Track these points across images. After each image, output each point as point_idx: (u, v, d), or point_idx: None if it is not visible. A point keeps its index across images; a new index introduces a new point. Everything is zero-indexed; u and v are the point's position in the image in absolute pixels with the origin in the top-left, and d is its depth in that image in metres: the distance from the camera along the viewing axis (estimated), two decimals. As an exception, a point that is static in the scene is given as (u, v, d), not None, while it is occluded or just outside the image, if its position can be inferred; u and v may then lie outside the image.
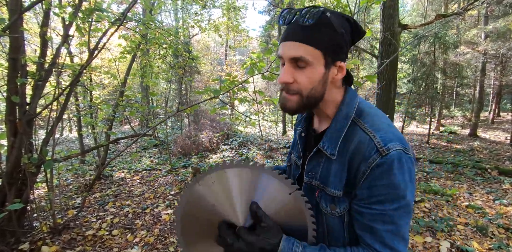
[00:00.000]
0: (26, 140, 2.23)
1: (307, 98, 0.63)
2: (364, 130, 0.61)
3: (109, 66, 8.52)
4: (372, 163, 0.57)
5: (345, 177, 0.62)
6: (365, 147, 0.59)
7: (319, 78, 0.61)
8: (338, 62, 0.62)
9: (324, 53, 0.59)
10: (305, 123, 0.79)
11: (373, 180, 0.57)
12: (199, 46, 13.69)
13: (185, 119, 10.77)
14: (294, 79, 0.61)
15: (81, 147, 5.76)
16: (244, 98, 3.12)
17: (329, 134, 0.66)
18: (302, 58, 0.59)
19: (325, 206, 0.66)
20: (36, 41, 3.64)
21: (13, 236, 2.29)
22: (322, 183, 0.66)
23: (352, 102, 0.67)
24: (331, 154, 0.64)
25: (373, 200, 0.58)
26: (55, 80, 2.72)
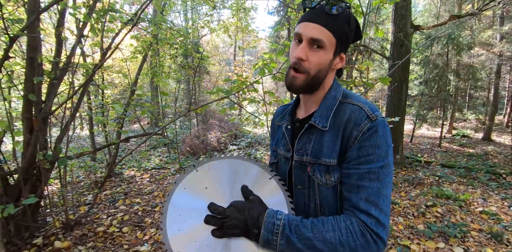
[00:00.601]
0: (41, 137, 2.28)
1: (313, 79, 0.70)
2: (353, 103, 0.70)
3: (121, 66, 8.67)
4: (363, 127, 0.64)
5: (338, 146, 0.68)
6: (357, 114, 0.67)
7: (327, 62, 0.69)
8: (341, 53, 0.71)
9: (337, 42, 0.67)
10: (289, 117, 0.84)
11: (362, 141, 0.64)
12: (208, 46, 13.78)
13: (194, 119, 10.85)
14: (308, 58, 0.67)
15: (92, 144, 5.87)
16: (253, 99, 3.12)
17: (320, 111, 0.73)
18: (321, 40, 0.66)
19: (320, 177, 0.70)
20: (51, 41, 3.73)
21: (27, 231, 2.35)
22: (314, 157, 0.71)
23: (339, 87, 0.76)
24: (323, 126, 0.70)
25: (362, 160, 0.64)
26: (69, 79, 2.78)
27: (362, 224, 0.60)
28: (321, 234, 0.60)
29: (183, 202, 0.70)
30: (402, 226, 2.95)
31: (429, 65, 8.17)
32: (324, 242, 0.60)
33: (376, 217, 0.60)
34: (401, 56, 5.40)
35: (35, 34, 1.89)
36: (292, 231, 0.62)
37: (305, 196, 0.74)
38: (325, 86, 0.75)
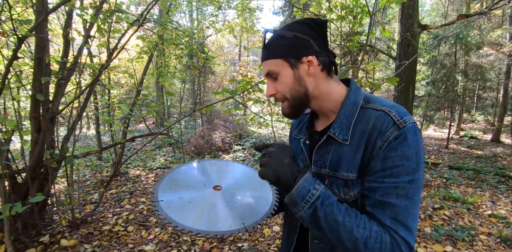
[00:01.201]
0: (48, 136, 2.31)
1: (293, 99, 0.69)
2: (377, 109, 0.63)
3: (127, 66, 8.74)
4: (389, 136, 0.58)
5: (359, 159, 0.62)
6: (382, 122, 0.60)
7: (292, 79, 0.67)
8: (303, 58, 0.66)
9: (283, 58, 0.66)
10: (307, 131, 0.79)
11: (388, 152, 0.57)
12: (213, 47, 13.83)
13: (199, 119, 10.89)
14: (276, 90, 0.69)
15: (98, 144, 5.93)
16: (258, 99, 3.12)
17: (339, 121, 0.67)
18: (270, 72, 0.68)
19: (337, 192, 0.65)
20: (59, 42, 3.78)
21: (34, 229, 2.38)
22: (332, 170, 0.67)
23: (358, 91, 0.70)
24: (343, 140, 0.65)
25: (387, 172, 0.57)
26: (76, 79, 2.81)
27: (393, 239, 0.55)
28: (351, 224, 0.55)
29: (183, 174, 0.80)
30: (408, 229, 2.91)
31: (436, 65, 8.06)
32: (350, 234, 0.55)
33: (404, 238, 0.55)
34: (408, 56, 5.33)
35: (43, 35, 1.91)
36: (323, 206, 0.57)
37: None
38: (326, 95, 0.70)
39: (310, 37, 0.66)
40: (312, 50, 0.66)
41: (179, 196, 0.70)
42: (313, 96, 0.69)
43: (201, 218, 0.65)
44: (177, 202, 0.68)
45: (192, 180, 0.77)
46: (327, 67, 0.69)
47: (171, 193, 0.71)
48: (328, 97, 0.70)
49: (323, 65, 0.68)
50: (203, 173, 0.81)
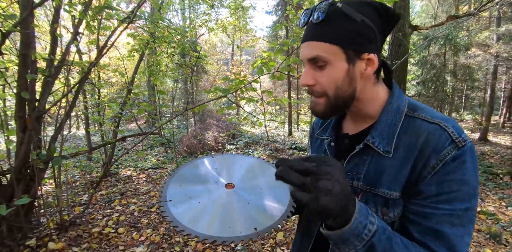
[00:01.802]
0: (35, 136, 2.23)
1: (335, 99, 0.57)
2: (429, 121, 0.54)
3: (117, 64, 8.59)
4: (446, 156, 0.50)
5: (405, 175, 0.54)
6: (437, 138, 0.52)
7: (343, 75, 0.55)
8: (364, 55, 0.55)
9: (342, 47, 0.53)
10: (333, 131, 0.71)
11: (445, 175, 0.50)
12: (205, 46, 13.73)
13: (191, 118, 10.80)
14: (316, 80, 0.57)
15: (88, 144, 5.80)
16: (251, 98, 3.10)
17: (379, 128, 0.58)
18: (318, 57, 0.55)
19: (374, 210, 0.57)
20: (46, 39, 3.67)
21: (20, 232, 2.30)
22: (368, 184, 0.59)
23: (402, 96, 0.61)
24: (384, 151, 0.56)
25: (443, 198, 0.50)
26: (64, 77, 2.73)
27: None
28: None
29: (193, 172, 0.75)
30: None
31: (426, 66, 8.20)
32: None
33: None
34: (399, 56, 5.40)
35: (28, 30, 1.84)
36: (381, 242, 0.47)
37: None
38: (369, 99, 0.61)
39: (377, 28, 0.55)
40: (374, 46, 0.55)
41: (189, 196, 0.65)
42: (356, 99, 0.60)
43: (210, 221, 0.59)
44: (186, 202, 0.64)
45: (204, 177, 0.72)
46: (379, 69, 0.60)
47: (181, 192, 0.67)
48: (370, 102, 0.61)
49: (379, 66, 0.58)
50: (215, 169, 0.75)
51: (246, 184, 0.71)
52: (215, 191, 0.67)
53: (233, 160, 0.80)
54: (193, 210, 0.62)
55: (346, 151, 0.65)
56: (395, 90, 0.62)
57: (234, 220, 0.59)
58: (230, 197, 0.66)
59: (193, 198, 0.65)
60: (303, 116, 14.16)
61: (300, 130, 11.50)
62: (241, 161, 0.79)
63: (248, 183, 0.71)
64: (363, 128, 0.64)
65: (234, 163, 0.79)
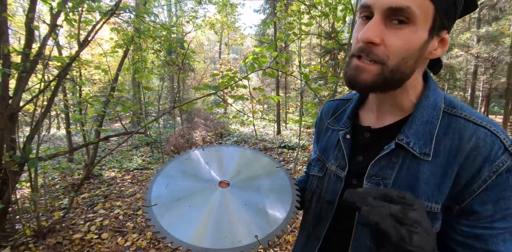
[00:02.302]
0: (7, 136, 2.05)
1: (392, 72, 0.45)
2: (477, 123, 0.46)
3: (100, 62, 8.26)
4: (500, 167, 0.43)
5: (449, 185, 0.46)
6: (489, 144, 0.44)
7: (418, 45, 0.43)
8: (444, 32, 0.45)
9: (437, 11, 0.42)
10: (349, 121, 0.61)
11: (501, 190, 0.43)
12: (192, 44, 13.48)
13: (178, 117, 10.56)
14: (383, 41, 0.43)
15: (69, 144, 5.52)
16: (241, 96, 3.01)
17: (414, 126, 0.49)
18: (408, 10, 0.40)
19: None
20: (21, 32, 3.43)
21: (-8, 241, 2.11)
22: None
23: (437, 89, 0.53)
24: (421, 153, 0.47)
25: (498, 216, 0.44)
26: (40, 73, 2.54)
27: None
28: None
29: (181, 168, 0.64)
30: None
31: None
32: None
33: None
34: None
35: (-3, 19, 1.66)
36: None
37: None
38: (410, 86, 0.51)
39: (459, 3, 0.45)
40: (452, 24, 0.47)
41: (177, 198, 0.55)
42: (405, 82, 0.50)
43: (203, 229, 0.50)
44: (175, 206, 0.53)
45: (194, 174, 0.62)
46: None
47: (168, 193, 0.56)
48: (410, 90, 0.52)
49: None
50: (207, 163, 0.65)
51: (242, 180, 0.61)
52: (208, 190, 0.57)
53: (227, 152, 0.69)
54: (183, 216, 0.52)
55: (364, 147, 0.56)
56: (431, 82, 0.53)
57: (232, 226, 0.51)
58: (226, 198, 0.56)
59: (183, 200, 0.55)
60: (291, 115, 14.22)
61: (288, 128, 11.51)
62: (235, 153, 0.69)
63: (244, 179, 0.62)
64: (389, 122, 0.54)
65: (227, 155, 0.68)
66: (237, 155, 0.68)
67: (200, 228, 0.50)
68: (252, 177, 0.62)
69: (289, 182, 0.61)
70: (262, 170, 0.64)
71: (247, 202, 0.56)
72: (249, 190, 0.59)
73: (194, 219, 0.52)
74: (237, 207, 0.55)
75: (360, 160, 0.56)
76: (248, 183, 0.61)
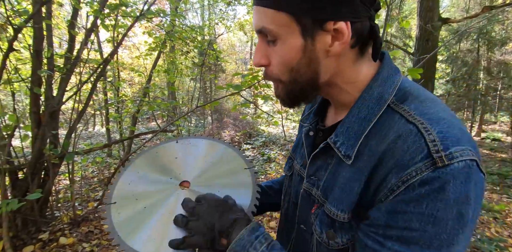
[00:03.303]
0: (48, 131, 2.26)
1: (292, 84, 0.43)
2: (407, 118, 0.37)
3: (139, 64, 8.82)
4: (413, 177, 0.33)
5: (358, 192, 0.39)
6: (406, 146, 0.35)
7: (298, 53, 0.40)
8: (329, 24, 0.37)
9: (294, 15, 0.38)
10: (314, 118, 0.57)
11: (405, 203, 0.33)
12: (224, 45, 13.79)
13: (209, 117, 10.87)
14: (269, 59, 0.43)
15: (108, 140, 5.97)
16: (267, 95, 2.97)
17: (347, 124, 0.43)
18: (263, 29, 0.40)
19: (319, 231, 0.44)
20: (61, 35, 3.78)
21: (34, 226, 2.34)
22: (323, 195, 0.46)
23: (391, 79, 0.43)
24: (345, 155, 0.42)
25: (392, 232, 0.34)
26: (77, 73, 2.77)
27: None
28: None
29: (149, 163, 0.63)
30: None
31: (457, 63, 7.64)
32: None
33: None
34: (427, 51, 5.04)
35: (38, 25, 1.84)
36: None
37: (306, 243, 0.51)
38: (348, 84, 0.45)
39: None
40: (347, 9, 0.37)
41: (136, 197, 0.54)
42: (325, 84, 0.45)
43: (151, 234, 0.49)
44: (131, 206, 0.53)
45: (160, 170, 0.61)
46: (363, 40, 0.41)
47: (129, 191, 0.55)
48: (348, 86, 0.45)
49: (358, 38, 0.40)
50: (175, 159, 0.63)
51: (204, 181, 0.59)
52: (166, 191, 0.56)
53: (199, 146, 0.66)
54: (136, 218, 0.51)
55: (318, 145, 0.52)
56: (382, 69, 0.44)
57: (178, 234, 0.48)
58: (180, 201, 0.53)
59: (141, 200, 0.54)
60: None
61: (318, 130, 11.20)
62: (207, 148, 0.66)
63: (207, 180, 0.59)
64: (339, 119, 0.49)
65: (198, 150, 0.66)
66: (209, 150, 0.66)
67: (148, 233, 0.49)
68: (216, 177, 0.60)
69: (251, 186, 0.57)
70: (229, 170, 0.61)
71: None
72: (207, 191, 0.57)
73: (145, 222, 0.51)
74: None
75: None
76: (209, 184, 0.58)
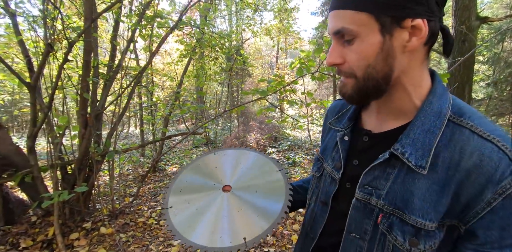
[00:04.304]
0: (94, 132, 2.54)
1: (365, 81, 0.47)
2: (483, 136, 0.42)
3: (170, 70, 9.34)
4: (508, 188, 0.39)
5: (446, 205, 0.43)
6: (494, 162, 0.40)
7: (376, 50, 0.44)
8: (407, 21, 0.42)
9: (374, 14, 0.42)
10: (349, 123, 0.60)
11: (509, 215, 0.40)
12: (251, 50, 14.07)
13: (235, 120, 11.12)
14: (345, 59, 0.47)
15: (142, 141, 6.41)
16: (292, 100, 3.05)
17: (413, 135, 0.46)
18: (343, 30, 0.44)
19: (402, 240, 0.46)
20: (107, 47, 4.19)
21: (79, 215, 2.63)
22: (393, 205, 0.48)
23: (446, 94, 0.48)
24: (417, 166, 0.45)
25: (509, 241, 0.41)
26: (120, 80, 3.06)
27: None
28: None
29: (195, 173, 0.76)
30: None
31: (499, 64, 7.08)
32: None
33: None
34: (463, 53, 4.77)
35: (89, 40, 2.11)
36: None
37: (361, 249, 0.52)
38: (409, 86, 0.48)
39: None
40: (423, 8, 0.42)
41: (188, 201, 0.67)
42: (394, 83, 0.47)
43: (204, 230, 0.61)
44: (185, 209, 0.66)
45: (203, 179, 0.73)
46: (433, 40, 0.46)
47: (181, 196, 0.68)
48: (413, 90, 0.48)
49: (430, 36, 0.44)
50: (215, 168, 0.75)
51: (243, 184, 0.69)
52: (212, 195, 0.68)
53: (234, 156, 0.78)
54: (190, 218, 0.64)
55: (362, 151, 0.56)
56: (437, 84, 0.49)
57: (225, 229, 0.60)
58: (225, 202, 0.65)
59: (192, 203, 0.67)
60: (350, 120, 13.47)
61: (345, 134, 10.92)
62: (241, 156, 0.77)
63: (245, 183, 0.69)
64: (391, 127, 0.52)
65: (234, 159, 0.77)
66: (242, 158, 0.77)
67: (201, 229, 0.61)
68: (252, 180, 0.70)
69: (284, 186, 0.67)
70: (262, 173, 0.72)
71: (243, 206, 0.65)
72: (247, 193, 0.68)
73: (198, 221, 0.63)
74: (233, 212, 0.64)
75: (355, 164, 0.56)
76: (247, 186, 0.69)
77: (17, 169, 2.36)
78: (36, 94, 2.22)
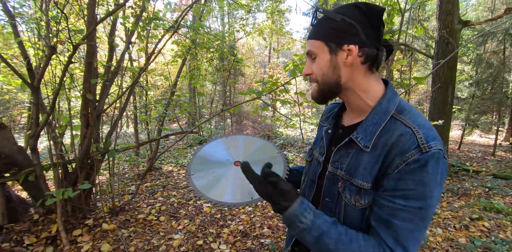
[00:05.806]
0: (95, 131, 2.61)
1: (323, 85, 0.69)
2: (406, 124, 0.61)
3: (163, 69, 9.33)
4: (409, 158, 0.56)
5: (376, 169, 0.61)
6: (406, 140, 0.58)
7: (327, 64, 0.67)
8: (344, 46, 0.64)
9: (325, 42, 0.66)
10: (333, 120, 0.81)
11: (404, 173, 0.56)
12: (243, 49, 14.14)
13: (228, 119, 11.20)
14: (312, 70, 0.70)
15: (136, 141, 6.43)
16: (285, 100, 3.19)
17: (365, 126, 0.66)
18: (310, 51, 0.69)
19: (349, 197, 0.66)
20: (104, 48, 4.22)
21: (81, 212, 2.70)
22: (348, 174, 0.67)
23: (394, 98, 0.67)
24: (364, 146, 0.64)
25: (399, 193, 0.56)
26: (119, 81, 3.13)
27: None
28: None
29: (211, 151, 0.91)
30: (440, 238, 2.77)
31: (481, 65, 7.41)
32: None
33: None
34: (446, 54, 5.02)
35: (92, 43, 2.18)
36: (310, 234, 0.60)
37: (331, 211, 0.70)
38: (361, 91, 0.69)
39: (360, 24, 0.63)
40: (357, 38, 0.63)
41: (206, 171, 0.84)
42: (345, 88, 0.68)
43: (221, 191, 0.78)
44: (204, 176, 0.82)
45: (218, 155, 0.89)
46: (371, 60, 0.66)
47: (201, 167, 0.85)
48: (362, 94, 0.69)
49: (366, 58, 0.65)
50: (228, 148, 0.92)
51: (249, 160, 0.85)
52: (225, 167, 0.85)
53: (243, 140, 0.95)
54: (209, 182, 0.80)
55: (338, 140, 0.74)
56: (388, 91, 0.69)
57: (237, 190, 0.77)
58: (236, 173, 0.82)
59: (210, 173, 0.83)
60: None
61: (336, 132, 11.14)
62: (249, 141, 0.95)
63: (252, 160, 0.85)
64: (356, 121, 0.73)
65: (243, 142, 0.94)
66: (250, 142, 0.94)
67: (219, 189, 0.78)
68: (257, 157, 0.88)
69: (283, 163, 0.86)
70: (265, 154, 0.90)
71: None
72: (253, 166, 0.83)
73: (216, 184, 0.80)
74: (242, 180, 0.80)
75: (333, 150, 0.74)
76: (253, 161, 0.85)
77: (20, 168, 2.41)
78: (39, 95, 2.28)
